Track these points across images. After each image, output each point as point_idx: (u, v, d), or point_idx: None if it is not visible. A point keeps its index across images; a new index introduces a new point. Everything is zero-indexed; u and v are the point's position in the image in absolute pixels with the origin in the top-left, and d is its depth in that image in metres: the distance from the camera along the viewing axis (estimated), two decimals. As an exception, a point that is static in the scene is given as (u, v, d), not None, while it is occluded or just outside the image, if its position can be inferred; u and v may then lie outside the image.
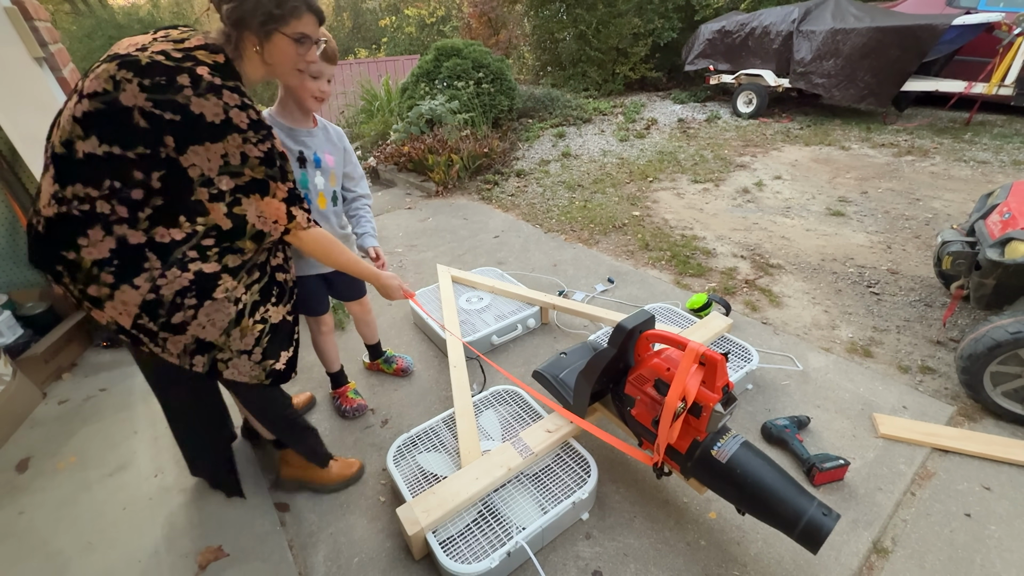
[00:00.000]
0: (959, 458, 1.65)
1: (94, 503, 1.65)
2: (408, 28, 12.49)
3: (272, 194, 1.10)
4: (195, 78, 0.99)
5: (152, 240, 1.05)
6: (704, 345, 1.26)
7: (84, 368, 2.33)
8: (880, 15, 5.15)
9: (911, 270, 2.75)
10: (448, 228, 3.74)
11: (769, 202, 3.77)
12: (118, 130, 0.98)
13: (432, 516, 1.35)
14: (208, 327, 1.14)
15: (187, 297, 1.10)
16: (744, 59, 6.07)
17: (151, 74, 0.97)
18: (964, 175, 3.98)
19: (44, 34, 1.92)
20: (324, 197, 1.58)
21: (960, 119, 5.28)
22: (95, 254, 1.03)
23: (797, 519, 1.14)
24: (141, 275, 1.05)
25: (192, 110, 0.98)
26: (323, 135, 1.57)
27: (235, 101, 1.02)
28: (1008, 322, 1.69)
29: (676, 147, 5.16)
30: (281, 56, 1.13)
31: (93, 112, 0.97)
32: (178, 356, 1.16)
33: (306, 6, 1.10)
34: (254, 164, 1.05)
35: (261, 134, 1.06)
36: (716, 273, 2.85)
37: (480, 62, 5.49)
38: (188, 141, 1.00)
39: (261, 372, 1.26)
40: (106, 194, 1.00)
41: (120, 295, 1.06)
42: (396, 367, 2.17)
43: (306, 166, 1.52)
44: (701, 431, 1.28)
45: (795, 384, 1.99)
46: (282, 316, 1.28)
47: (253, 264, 1.19)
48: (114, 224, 1.02)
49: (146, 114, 0.97)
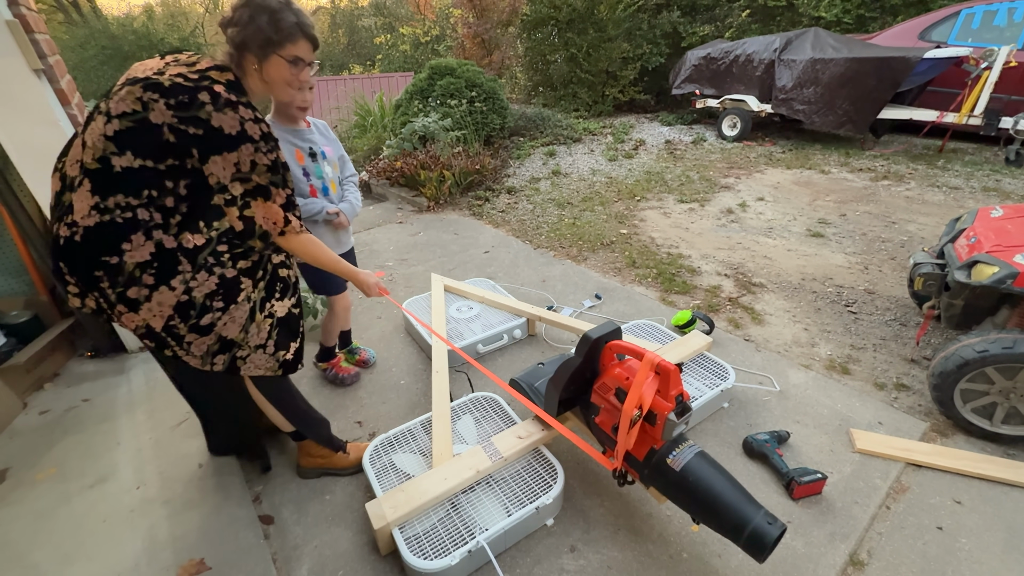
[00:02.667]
0: (932, 473, 1.71)
1: (73, 515, 1.62)
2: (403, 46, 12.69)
3: (272, 199, 1.22)
4: (214, 95, 1.11)
5: (181, 245, 1.16)
6: (659, 356, 1.32)
7: (67, 378, 2.30)
8: (857, 47, 5.39)
9: (887, 290, 2.85)
10: (439, 243, 3.79)
11: (752, 223, 3.88)
12: (150, 145, 1.10)
13: (399, 512, 1.41)
14: (230, 325, 1.26)
15: (215, 300, 1.22)
16: (729, 85, 6.28)
17: (175, 94, 1.09)
18: (937, 200, 4.14)
19: (44, 46, 1.95)
20: (334, 184, 1.84)
21: (934, 146, 5.51)
22: (137, 257, 1.14)
23: (743, 527, 1.18)
24: (176, 277, 1.17)
25: (213, 124, 1.10)
26: (317, 132, 1.81)
27: (249, 115, 1.15)
28: (975, 341, 1.76)
29: (663, 168, 5.30)
30: (277, 75, 1.25)
31: (124, 130, 1.09)
32: (200, 358, 1.27)
33: (301, 32, 1.23)
34: (261, 171, 1.18)
35: (270, 144, 1.19)
36: (700, 291, 2.92)
37: (473, 81, 5.61)
38: (209, 152, 1.12)
39: (275, 363, 1.38)
40: (145, 202, 1.12)
41: (158, 296, 1.17)
42: (359, 358, 2.28)
43: (317, 159, 1.75)
44: (657, 439, 1.33)
45: (776, 400, 2.04)
46: (287, 309, 1.40)
47: (261, 263, 1.32)
48: (153, 229, 1.14)
49: (174, 129, 1.09)
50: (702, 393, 1.91)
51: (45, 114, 1.94)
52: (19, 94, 1.88)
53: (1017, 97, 4.92)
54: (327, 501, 1.66)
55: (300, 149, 1.73)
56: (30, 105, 1.91)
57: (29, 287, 2.43)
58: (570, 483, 1.67)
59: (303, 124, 1.76)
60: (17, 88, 1.87)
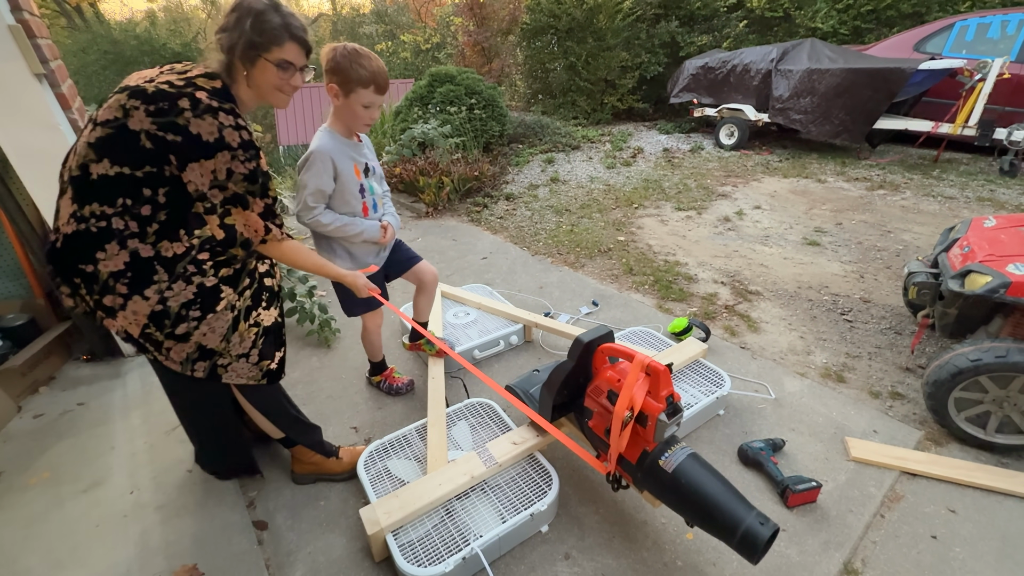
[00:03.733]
0: (926, 481, 1.71)
1: (66, 520, 1.61)
2: (403, 53, 12.80)
3: (251, 208, 1.21)
4: (194, 101, 1.09)
5: (159, 254, 1.16)
6: (649, 357, 1.32)
7: (62, 382, 2.29)
8: (853, 57, 5.45)
9: (882, 299, 2.86)
10: (437, 248, 3.80)
11: (749, 231, 3.90)
12: (127, 152, 1.09)
13: (393, 517, 1.40)
14: (209, 335, 1.25)
15: (192, 309, 1.21)
16: (726, 94, 6.33)
17: (156, 100, 1.08)
18: (932, 209, 4.17)
19: (45, 51, 1.97)
20: (382, 200, 1.80)
21: (929, 156, 5.56)
22: (111, 267, 1.14)
23: (736, 527, 1.18)
24: (151, 287, 1.16)
25: (191, 130, 1.08)
26: (367, 147, 1.75)
27: (229, 122, 1.12)
28: (969, 350, 1.77)
29: (661, 175, 5.33)
30: (263, 79, 1.22)
31: (104, 137, 1.09)
32: (180, 364, 1.27)
33: (288, 35, 1.19)
34: (238, 180, 1.16)
35: (249, 153, 1.16)
36: (697, 298, 2.93)
37: (473, 89, 5.65)
38: (187, 160, 1.10)
39: (258, 372, 1.38)
40: (120, 211, 1.11)
41: (132, 305, 1.17)
42: (436, 351, 2.19)
43: (369, 175, 1.70)
44: (649, 441, 1.34)
45: (771, 407, 2.05)
46: (273, 319, 1.40)
47: (244, 271, 1.30)
48: (128, 239, 1.13)
49: (151, 136, 1.08)
50: (698, 400, 1.91)
51: (46, 118, 1.95)
52: (20, 98, 1.90)
53: (1011, 108, 4.96)
54: (321, 507, 1.66)
55: (358, 163, 1.66)
56: (31, 109, 1.92)
57: (26, 290, 2.43)
58: (565, 490, 1.67)
59: (355, 138, 1.68)
60: (18, 92, 1.88)
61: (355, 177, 1.65)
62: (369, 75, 1.49)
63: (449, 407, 1.90)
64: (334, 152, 1.58)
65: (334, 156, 1.58)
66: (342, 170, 1.60)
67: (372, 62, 1.50)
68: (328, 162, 1.57)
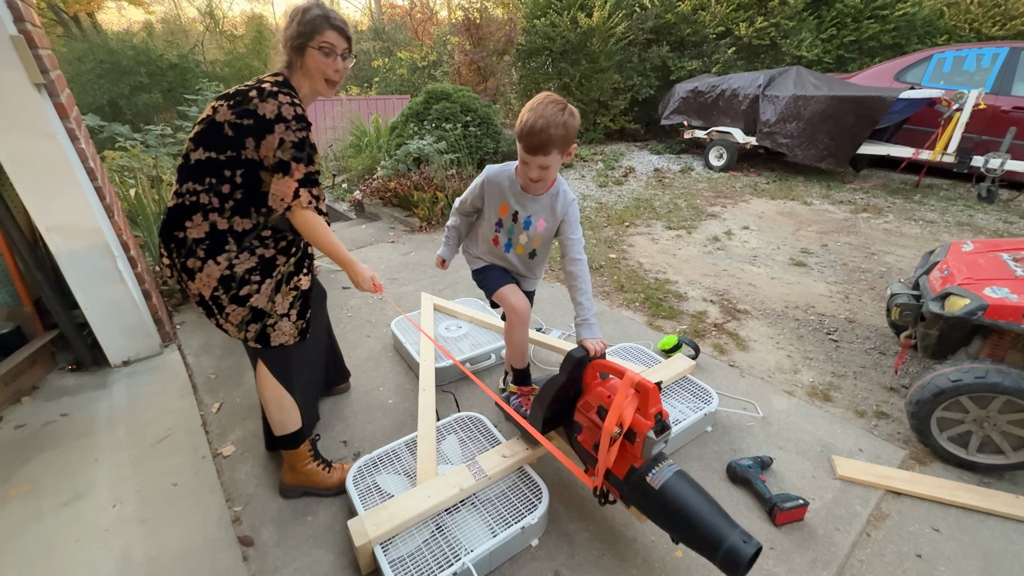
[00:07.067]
0: (911, 500, 1.73)
1: (45, 534, 1.57)
2: (400, 70, 12.95)
3: (291, 174, 1.35)
4: (260, 90, 1.35)
5: (232, 228, 1.39)
6: (639, 375, 1.34)
7: (46, 392, 2.25)
8: (837, 85, 5.64)
9: (867, 319, 2.92)
10: (430, 263, 3.81)
11: (737, 250, 3.98)
12: (214, 140, 1.35)
13: (381, 529, 1.39)
14: (258, 296, 1.44)
15: (253, 275, 1.42)
16: (715, 117, 6.50)
17: (234, 96, 1.36)
18: (914, 233, 4.29)
19: (46, 61, 1.98)
20: (523, 249, 1.83)
21: (911, 181, 5.73)
22: (195, 233, 1.38)
23: (719, 544, 1.19)
24: (223, 255, 1.38)
25: (259, 112, 1.33)
26: (548, 203, 1.72)
27: (287, 100, 1.34)
28: (950, 371, 1.82)
29: (652, 195, 5.42)
30: (312, 64, 1.43)
31: (200, 131, 1.37)
32: (237, 327, 1.46)
33: (326, 23, 1.41)
34: (287, 148, 1.34)
35: (301, 124, 1.36)
36: (687, 316, 2.97)
37: (468, 106, 5.74)
38: (260, 137, 1.33)
39: (296, 331, 1.54)
40: (206, 188, 1.36)
41: (207, 268, 1.38)
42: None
43: (515, 221, 1.76)
44: (637, 457, 1.35)
45: (759, 425, 2.07)
46: (308, 284, 1.58)
47: (296, 242, 1.51)
48: (209, 212, 1.37)
49: (232, 125, 1.34)
50: (686, 416, 1.93)
51: (43, 127, 1.96)
52: (19, 107, 1.90)
53: (987, 137, 5.16)
54: (309, 522, 1.64)
55: (508, 205, 1.74)
56: (29, 118, 1.93)
57: (13, 298, 2.39)
58: (555, 507, 1.67)
59: (537, 192, 1.69)
60: (17, 101, 1.89)
61: (498, 213, 1.78)
62: (520, 131, 1.54)
63: (439, 420, 1.90)
64: (496, 184, 1.75)
65: (491, 186, 1.75)
66: (488, 200, 1.78)
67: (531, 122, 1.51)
68: (480, 186, 1.78)
